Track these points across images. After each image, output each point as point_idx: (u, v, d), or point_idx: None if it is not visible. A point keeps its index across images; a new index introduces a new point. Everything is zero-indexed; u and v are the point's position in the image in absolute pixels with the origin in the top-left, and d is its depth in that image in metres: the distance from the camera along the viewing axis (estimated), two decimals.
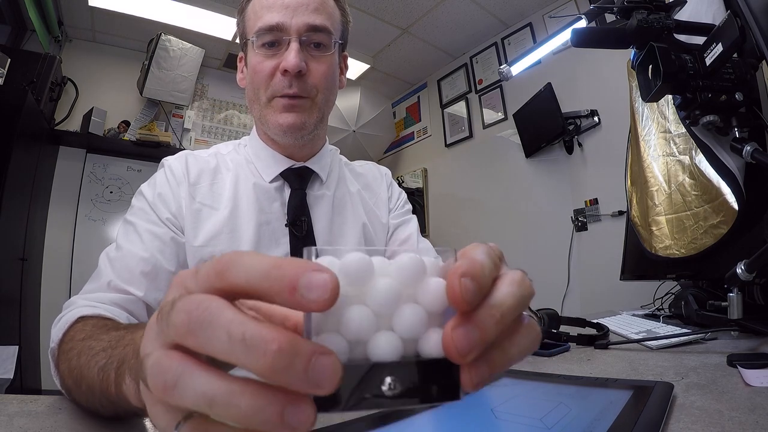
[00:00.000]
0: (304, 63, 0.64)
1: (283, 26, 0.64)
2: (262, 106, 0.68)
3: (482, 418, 0.41)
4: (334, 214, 0.74)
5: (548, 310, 0.89)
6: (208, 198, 0.68)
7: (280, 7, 0.64)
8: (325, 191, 0.74)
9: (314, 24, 0.65)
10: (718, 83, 0.69)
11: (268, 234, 0.68)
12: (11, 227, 2.23)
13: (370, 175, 0.84)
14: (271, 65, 0.65)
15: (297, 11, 0.64)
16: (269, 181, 0.71)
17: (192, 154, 0.73)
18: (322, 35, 0.66)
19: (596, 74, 2.39)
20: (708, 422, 0.37)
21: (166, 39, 2.95)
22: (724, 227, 0.87)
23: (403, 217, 0.82)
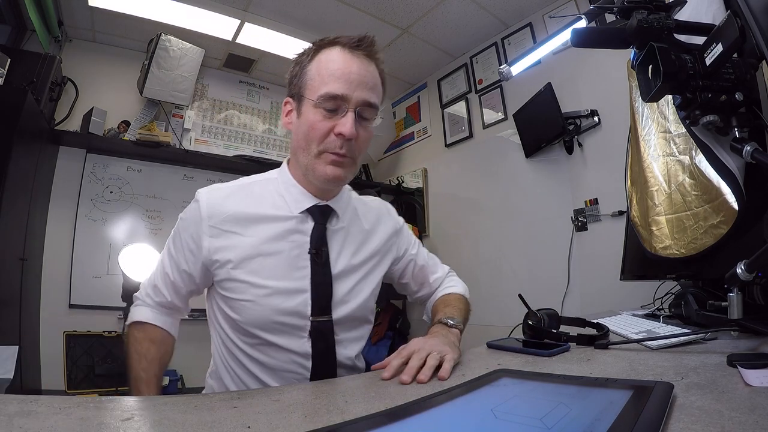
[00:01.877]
0: (355, 132, 0.76)
1: (345, 97, 0.76)
2: (311, 156, 0.79)
3: (482, 418, 0.41)
4: (347, 245, 0.87)
5: (548, 310, 0.89)
6: (237, 227, 0.81)
7: (346, 80, 0.76)
8: (342, 225, 0.88)
9: (369, 101, 0.78)
10: (718, 83, 0.69)
11: (293, 258, 0.81)
12: (11, 227, 2.23)
13: (379, 212, 0.97)
14: (328, 126, 0.77)
15: (359, 86, 0.77)
16: (297, 213, 0.83)
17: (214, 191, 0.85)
18: (372, 111, 0.79)
19: (596, 74, 2.39)
20: (708, 422, 0.37)
21: (166, 39, 2.96)
22: (724, 227, 0.87)
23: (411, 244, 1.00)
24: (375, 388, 0.60)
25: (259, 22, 2.94)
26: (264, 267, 0.79)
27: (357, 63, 0.78)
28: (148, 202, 3.22)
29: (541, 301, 0.96)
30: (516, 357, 0.76)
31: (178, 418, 0.46)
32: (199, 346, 3.33)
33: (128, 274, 1.54)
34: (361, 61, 0.79)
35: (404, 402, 0.48)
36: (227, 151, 3.55)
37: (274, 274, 0.79)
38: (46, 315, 2.66)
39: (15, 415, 0.43)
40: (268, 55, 3.34)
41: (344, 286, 0.84)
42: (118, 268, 1.55)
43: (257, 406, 0.51)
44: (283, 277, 0.80)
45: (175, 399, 0.55)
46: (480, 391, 0.50)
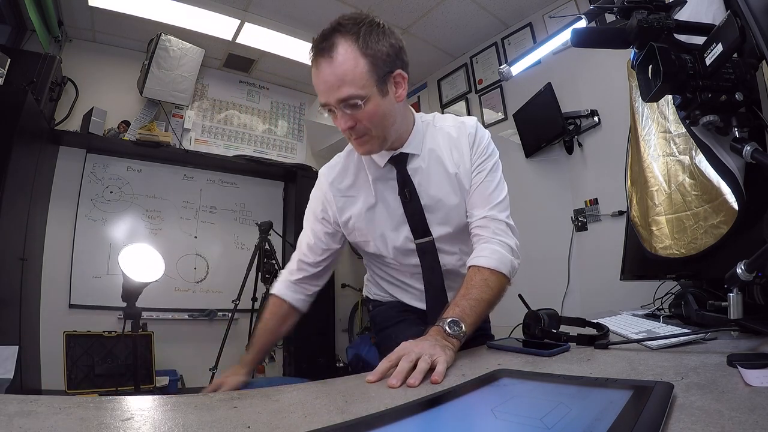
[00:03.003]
0: (351, 122, 0.88)
1: (327, 104, 0.88)
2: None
3: (482, 418, 0.41)
4: (430, 176, 1.01)
5: (548, 310, 0.89)
6: (350, 193, 1.05)
7: (322, 91, 0.87)
8: (420, 163, 1.01)
9: (341, 98, 0.85)
10: (718, 83, 0.69)
11: (392, 205, 1.02)
12: (11, 227, 2.23)
13: (458, 135, 1.03)
14: (338, 124, 0.91)
15: (328, 92, 0.86)
16: (382, 166, 1.01)
17: (329, 169, 1.09)
18: (351, 101, 0.85)
19: (596, 74, 2.39)
20: (708, 422, 0.37)
21: (166, 39, 2.96)
22: (724, 227, 0.87)
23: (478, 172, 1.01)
24: (375, 388, 0.60)
25: (259, 22, 2.94)
26: (374, 215, 1.03)
27: (319, 73, 0.86)
28: (148, 202, 3.23)
29: (541, 301, 0.95)
30: (516, 357, 0.76)
31: (178, 418, 0.46)
32: (199, 346, 3.34)
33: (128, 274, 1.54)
34: (321, 67, 0.85)
35: (404, 402, 0.48)
36: (227, 151, 3.55)
37: (382, 218, 1.03)
38: (46, 315, 2.67)
39: (15, 415, 0.43)
40: (268, 55, 3.34)
41: (437, 211, 1.01)
42: (118, 268, 1.55)
43: (257, 406, 0.51)
44: (389, 218, 1.03)
45: (175, 399, 0.55)
46: (480, 391, 0.50)
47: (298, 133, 3.96)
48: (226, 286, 3.21)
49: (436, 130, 1.04)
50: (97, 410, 0.47)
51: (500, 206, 0.99)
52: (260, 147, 3.75)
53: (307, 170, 3.60)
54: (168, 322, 3.07)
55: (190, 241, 3.34)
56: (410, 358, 0.62)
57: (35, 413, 0.44)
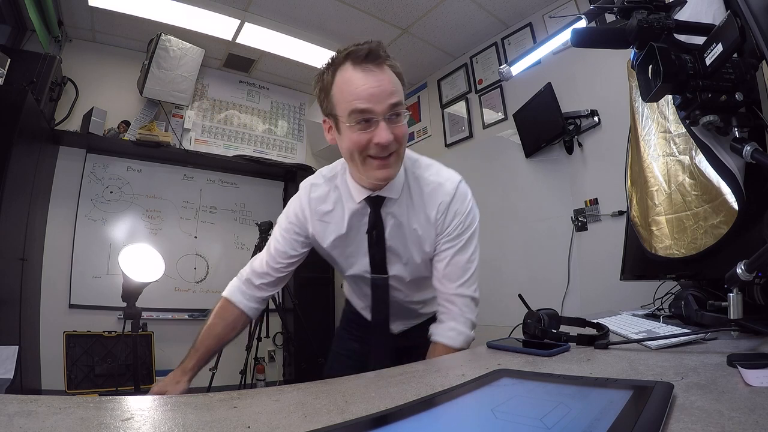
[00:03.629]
0: (392, 134, 0.86)
1: (372, 110, 0.85)
2: (359, 165, 0.92)
3: (482, 418, 0.41)
4: (398, 226, 1.02)
5: (548, 310, 0.89)
6: (326, 219, 1.05)
7: (366, 96, 0.84)
8: (395, 209, 1.01)
9: (393, 103, 0.86)
10: (718, 83, 0.69)
11: (359, 238, 1.03)
12: (11, 227, 2.23)
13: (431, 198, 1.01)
14: (366, 138, 0.87)
15: (379, 97, 0.84)
16: (358, 202, 1.00)
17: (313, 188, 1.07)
18: (399, 108, 0.87)
19: (596, 74, 2.39)
20: (708, 422, 0.37)
21: (166, 39, 2.96)
22: (724, 227, 0.87)
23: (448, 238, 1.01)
24: (375, 388, 0.60)
25: (259, 22, 2.94)
26: (342, 242, 1.05)
27: (371, 77, 0.85)
28: (148, 202, 3.23)
29: (541, 301, 0.95)
30: (516, 357, 0.76)
31: (178, 418, 0.46)
32: None
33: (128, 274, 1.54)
34: (373, 72, 0.85)
35: (404, 402, 0.48)
36: (227, 151, 3.55)
37: (349, 246, 1.05)
38: (46, 315, 2.67)
39: (15, 415, 0.43)
40: (268, 55, 3.34)
41: (398, 257, 1.04)
42: (118, 268, 1.55)
43: (257, 406, 0.51)
44: (355, 248, 1.05)
45: (175, 399, 0.55)
46: (480, 391, 0.50)
47: (298, 133, 3.96)
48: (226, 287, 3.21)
49: (416, 178, 1.02)
50: (97, 410, 0.47)
51: (470, 281, 1.01)
52: (260, 147, 3.75)
53: (307, 170, 3.60)
54: (168, 322, 3.07)
55: (190, 241, 3.34)
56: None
57: (35, 413, 0.44)
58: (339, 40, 3.16)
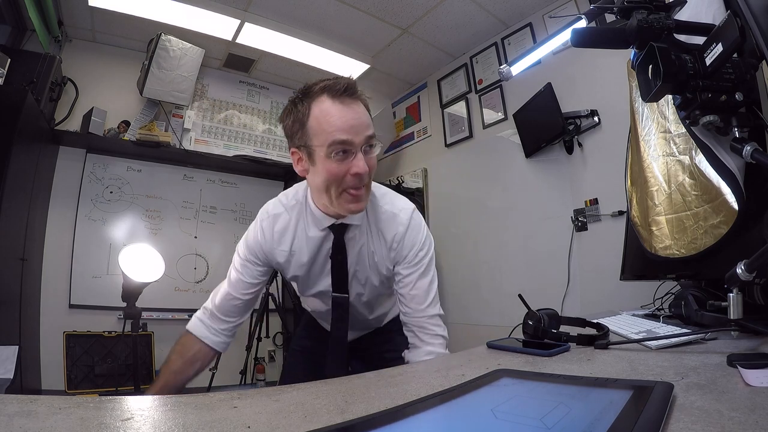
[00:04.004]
0: (367, 166, 0.90)
1: (351, 142, 0.88)
2: (334, 197, 0.94)
3: (482, 418, 0.41)
4: (358, 252, 1.06)
5: (548, 310, 0.89)
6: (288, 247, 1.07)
7: (347, 128, 0.88)
8: (356, 234, 1.05)
9: (370, 135, 0.91)
10: (718, 83, 0.69)
11: (320, 262, 1.07)
12: (11, 227, 2.23)
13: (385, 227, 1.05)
14: (344, 169, 0.89)
15: (358, 129, 0.89)
16: (320, 230, 1.04)
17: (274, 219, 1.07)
18: (373, 140, 0.92)
19: (596, 74, 2.39)
20: (708, 422, 0.37)
21: (166, 39, 2.96)
22: (724, 227, 0.87)
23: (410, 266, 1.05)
24: (375, 388, 0.60)
25: (259, 22, 2.94)
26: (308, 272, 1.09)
27: (348, 110, 0.89)
28: (148, 202, 3.23)
29: (541, 301, 0.95)
30: (516, 357, 0.76)
31: (178, 418, 0.46)
32: None
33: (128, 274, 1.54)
34: (350, 106, 0.90)
35: (404, 402, 0.48)
36: (227, 151, 3.55)
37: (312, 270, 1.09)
38: (46, 315, 2.67)
39: (15, 415, 0.43)
40: (268, 55, 3.34)
41: (359, 280, 1.09)
42: (118, 268, 1.55)
43: (257, 406, 0.51)
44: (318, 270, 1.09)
45: (175, 399, 0.55)
46: (480, 391, 0.50)
47: None
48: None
49: (374, 207, 1.06)
50: (97, 410, 0.47)
51: (435, 300, 1.05)
52: (260, 147, 3.75)
53: None
54: (168, 322, 3.07)
55: (190, 241, 3.34)
56: None
57: (35, 413, 0.44)
58: (339, 40, 3.16)
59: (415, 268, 1.04)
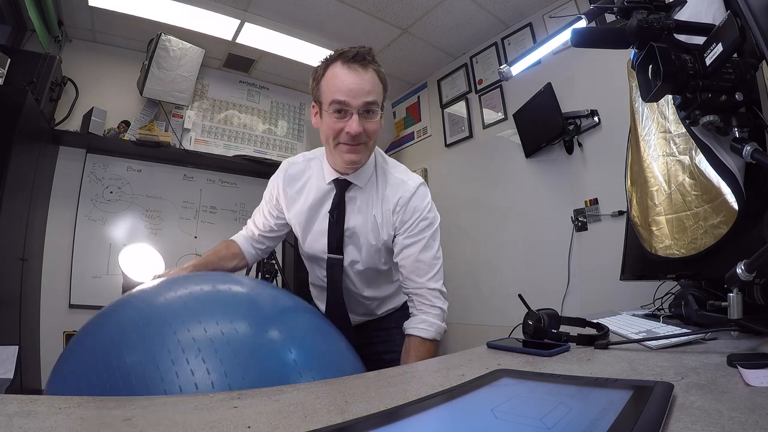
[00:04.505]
0: (362, 127, 0.99)
1: (347, 103, 0.97)
2: (331, 148, 1.05)
3: (482, 418, 0.41)
4: (358, 211, 1.11)
5: (548, 310, 0.89)
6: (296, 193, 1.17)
7: (346, 90, 0.97)
8: (358, 195, 1.11)
9: (368, 101, 0.98)
10: (718, 83, 0.69)
11: (320, 217, 1.14)
12: (11, 227, 2.23)
13: (392, 193, 1.10)
14: (340, 126, 1.00)
15: (357, 93, 0.97)
16: (326, 183, 1.12)
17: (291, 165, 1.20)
18: (372, 106, 1.00)
19: (596, 74, 2.39)
20: (708, 422, 0.37)
21: (166, 39, 2.96)
22: (724, 227, 0.87)
23: (410, 234, 1.08)
24: (375, 388, 0.60)
25: (259, 22, 2.94)
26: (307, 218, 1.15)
27: (354, 75, 0.97)
28: (148, 202, 3.23)
29: (541, 301, 0.96)
30: (516, 357, 0.76)
31: (178, 418, 0.46)
32: None
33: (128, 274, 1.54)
34: (357, 72, 0.97)
35: (404, 402, 0.48)
36: (227, 151, 3.55)
37: (312, 225, 1.15)
38: (46, 315, 2.67)
39: (15, 415, 0.43)
40: (268, 55, 3.34)
41: (354, 241, 1.12)
42: (118, 268, 1.55)
43: (257, 406, 0.51)
44: (317, 226, 1.15)
45: (175, 399, 0.55)
46: (480, 391, 0.50)
47: (298, 133, 3.96)
48: None
49: (383, 172, 1.13)
50: (97, 410, 0.47)
51: (438, 275, 1.08)
52: (260, 147, 3.75)
53: None
54: None
55: (190, 241, 3.34)
56: None
57: (35, 413, 0.44)
58: (339, 40, 3.16)
59: (416, 239, 1.07)
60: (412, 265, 1.07)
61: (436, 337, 1.05)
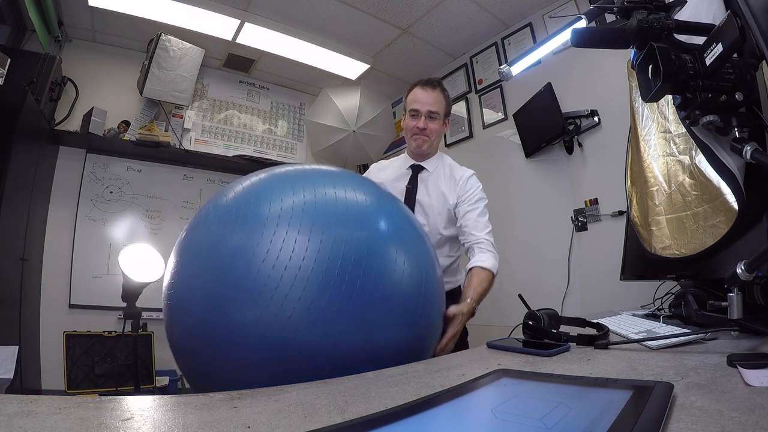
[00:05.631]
0: (426, 125, 1.49)
1: (418, 110, 1.49)
2: (408, 137, 1.56)
3: (482, 418, 0.41)
4: (426, 188, 1.54)
5: (548, 310, 0.89)
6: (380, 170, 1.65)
7: (418, 102, 1.49)
8: (428, 177, 1.56)
9: (432, 110, 1.49)
10: (718, 83, 0.69)
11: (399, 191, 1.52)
12: (11, 227, 2.23)
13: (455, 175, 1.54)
14: (414, 123, 1.51)
15: (424, 104, 1.48)
16: (405, 168, 1.59)
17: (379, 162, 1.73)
18: (434, 114, 1.50)
19: (596, 74, 2.39)
20: (708, 422, 0.37)
21: (166, 39, 2.95)
22: (724, 227, 0.87)
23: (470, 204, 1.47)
24: (375, 388, 0.60)
25: (259, 22, 2.94)
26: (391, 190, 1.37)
27: (424, 93, 1.50)
28: (148, 202, 3.23)
29: (541, 301, 0.96)
30: (516, 357, 0.76)
31: (178, 418, 0.46)
32: None
33: (128, 274, 1.54)
34: (427, 91, 1.49)
35: (404, 402, 0.48)
36: (227, 151, 3.55)
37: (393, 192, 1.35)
38: (46, 315, 2.66)
39: (15, 415, 0.43)
40: (268, 55, 3.34)
41: (423, 206, 1.51)
42: (118, 268, 1.55)
43: (257, 406, 0.51)
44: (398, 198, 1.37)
45: (175, 399, 0.55)
46: (480, 391, 0.50)
47: (298, 133, 3.96)
48: None
49: (449, 165, 1.59)
50: (97, 410, 0.47)
51: (490, 233, 1.45)
52: (260, 147, 3.75)
53: None
54: None
55: None
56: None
57: (35, 413, 0.44)
58: (339, 40, 3.16)
59: (474, 206, 1.46)
60: (473, 223, 1.42)
61: (492, 269, 1.32)
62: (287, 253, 0.70)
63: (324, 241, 0.72)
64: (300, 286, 0.68)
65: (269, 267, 0.69)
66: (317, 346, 0.69)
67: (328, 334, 0.69)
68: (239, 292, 0.70)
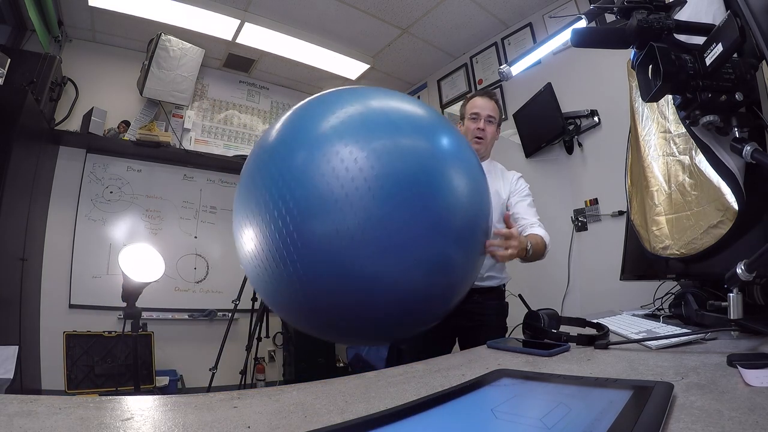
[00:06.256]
0: (485, 128, 1.62)
1: (479, 114, 1.62)
2: (469, 139, 1.61)
3: (482, 418, 0.41)
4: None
5: (548, 310, 0.89)
6: None
7: (479, 107, 1.63)
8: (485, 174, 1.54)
9: (490, 115, 1.63)
10: (718, 83, 0.69)
11: None
12: (11, 227, 2.23)
13: (506, 176, 1.68)
14: (474, 125, 1.62)
15: (483, 109, 1.63)
16: None
17: None
18: (491, 118, 1.63)
19: (596, 74, 2.39)
20: (708, 422, 0.37)
21: (166, 39, 2.95)
22: (724, 227, 0.87)
23: (520, 197, 1.61)
24: (375, 388, 0.60)
25: (259, 22, 2.94)
26: None
27: (483, 100, 1.65)
28: (148, 202, 3.23)
29: (541, 301, 0.96)
30: (516, 357, 0.76)
31: (178, 418, 0.46)
32: (199, 346, 3.33)
33: (128, 274, 1.54)
34: (486, 99, 1.65)
35: (404, 402, 0.48)
36: (227, 151, 3.55)
37: None
38: (46, 315, 2.66)
39: (15, 415, 0.43)
40: (268, 55, 3.34)
41: None
42: (118, 268, 1.55)
43: (257, 406, 0.51)
44: None
45: (175, 399, 0.55)
46: (480, 391, 0.50)
47: None
48: (226, 287, 3.21)
49: (501, 169, 1.72)
50: (97, 410, 0.47)
51: (538, 218, 1.56)
52: None
53: None
54: (168, 322, 3.07)
55: (190, 241, 3.34)
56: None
57: (35, 413, 0.44)
58: (339, 40, 3.16)
59: (524, 198, 1.60)
60: (526, 210, 1.56)
61: (546, 239, 1.41)
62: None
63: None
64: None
65: None
66: None
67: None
68: None
